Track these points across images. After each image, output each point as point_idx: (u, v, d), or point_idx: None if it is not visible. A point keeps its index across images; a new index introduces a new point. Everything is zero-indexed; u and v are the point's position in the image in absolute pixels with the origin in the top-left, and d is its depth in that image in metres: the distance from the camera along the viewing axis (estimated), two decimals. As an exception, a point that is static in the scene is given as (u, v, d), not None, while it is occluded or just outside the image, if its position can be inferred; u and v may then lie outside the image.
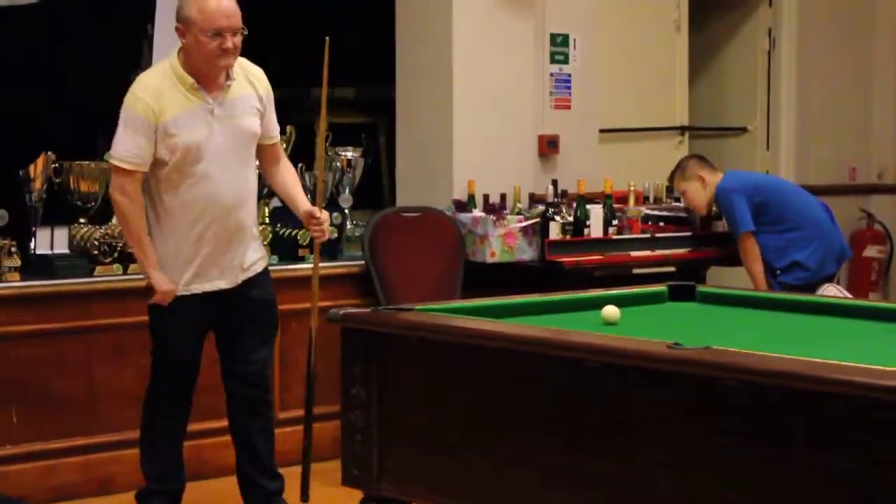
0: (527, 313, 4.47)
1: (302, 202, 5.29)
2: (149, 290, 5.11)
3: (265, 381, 5.34)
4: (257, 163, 5.29)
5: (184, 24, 4.96)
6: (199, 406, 5.34)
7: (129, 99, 5.00)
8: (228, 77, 5.05)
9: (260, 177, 5.40)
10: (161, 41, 7.31)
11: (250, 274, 5.21)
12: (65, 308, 5.93)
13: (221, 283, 5.13)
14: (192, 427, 5.37)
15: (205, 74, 5.00)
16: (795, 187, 7.31)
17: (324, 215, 5.27)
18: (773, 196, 6.98)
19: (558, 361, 3.70)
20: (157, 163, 4.99)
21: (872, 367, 3.23)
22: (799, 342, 4.01)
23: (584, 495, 3.63)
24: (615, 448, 3.55)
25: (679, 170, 7.21)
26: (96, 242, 6.04)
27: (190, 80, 4.98)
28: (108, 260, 6.04)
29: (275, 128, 5.29)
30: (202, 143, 4.98)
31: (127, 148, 4.97)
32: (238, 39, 4.97)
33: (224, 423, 5.45)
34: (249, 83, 5.13)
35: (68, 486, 5.91)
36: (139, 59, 7.82)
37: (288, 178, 5.35)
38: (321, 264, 6.65)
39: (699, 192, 7.08)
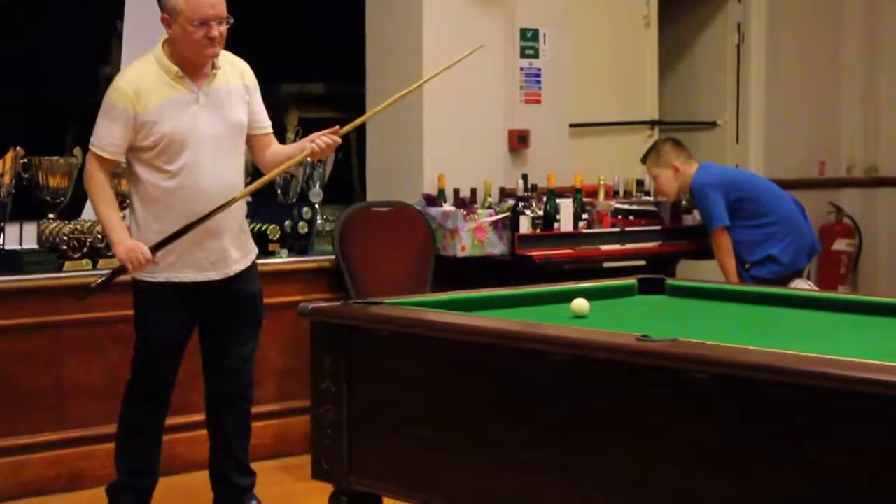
0: (497, 307, 4.48)
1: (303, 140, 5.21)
2: (114, 274, 5.08)
3: (248, 376, 5.33)
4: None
5: (169, 14, 4.97)
6: (173, 400, 5.33)
7: (110, 89, 5.06)
8: (214, 66, 5.06)
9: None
10: (130, 38, 7.29)
11: (240, 267, 5.20)
12: (33, 303, 5.91)
13: (212, 275, 5.12)
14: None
15: (191, 64, 5.02)
16: (769, 182, 7.30)
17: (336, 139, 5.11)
18: (749, 191, 6.96)
19: (528, 354, 3.71)
20: (141, 150, 5.00)
21: (842, 358, 3.24)
22: (768, 335, 4.03)
23: (553, 488, 3.64)
24: (584, 440, 3.56)
25: (654, 153, 7.18)
26: (65, 237, 6.02)
27: (174, 68, 4.99)
28: (77, 255, 6.03)
29: (265, 118, 5.26)
30: (186, 131, 4.99)
31: (104, 136, 5.01)
32: (224, 28, 4.98)
33: (196, 417, 5.46)
34: (235, 74, 5.14)
35: (38, 481, 5.90)
36: (108, 55, 7.81)
37: (279, 149, 5.29)
38: (292, 259, 6.68)
39: (670, 180, 7.08)
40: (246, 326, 5.28)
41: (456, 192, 7.07)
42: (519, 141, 7.50)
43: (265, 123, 5.26)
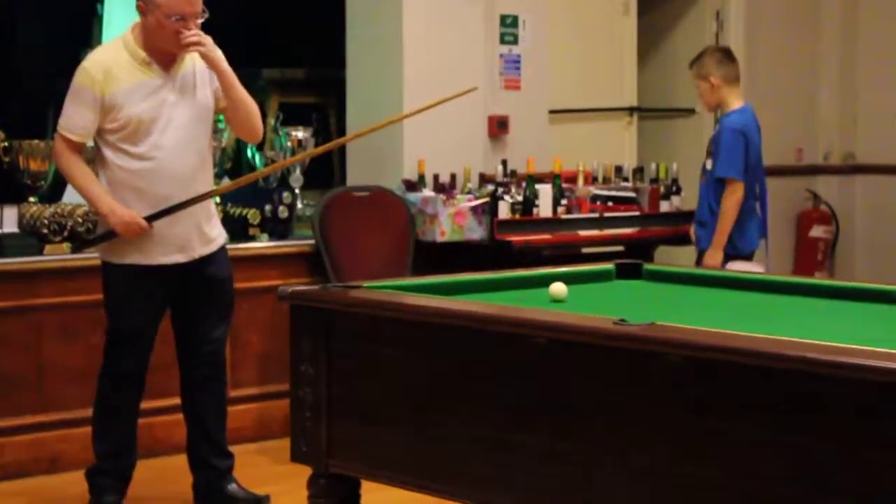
0: (475, 291, 4.49)
1: None
2: (108, 235, 5.09)
3: (220, 359, 5.36)
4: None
5: (145, 3, 4.97)
6: (151, 384, 5.35)
7: (77, 71, 5.07)
8: None
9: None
10: (111, 21, 7.30)
11: (207, 251, 5.22)
12: (13, 287, 5.92)
13: (179, 257, 5.14)
14: (143, 405, 5.37)
15: (160, 52, 5.02)
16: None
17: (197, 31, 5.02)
18: (752, 165, 6.67)
19: (506, 338, 3.73)
20: (108, 132, 5.02)
21: (816, 342, 3.27)
22: (744, 319, 4.06)
23: (531, 470, 3.66)
24: (562, 423, 3.59)
25: (698, 61, 6.77)
26: (46, 221, 6.03)
27: (142, 54, 5.01)
28: (57, 239, 6.04)
29: None
30: (153, 115, 5.00)
31: (72, 119, 5.04)
32: (199, 23, 4.99)
33: (175, 401, 5.47)
34: (199, 57, 5.14)
35: (17, 464, 5.91)
36: (89, 38, 7.81)
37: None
38: (272, 243, 6.69)
39: (707, 92, 6.70)
40: (217, 311, 5.30)
41: (436, 177, 7.09)
42: (498, 127, 7.52)
43: None
